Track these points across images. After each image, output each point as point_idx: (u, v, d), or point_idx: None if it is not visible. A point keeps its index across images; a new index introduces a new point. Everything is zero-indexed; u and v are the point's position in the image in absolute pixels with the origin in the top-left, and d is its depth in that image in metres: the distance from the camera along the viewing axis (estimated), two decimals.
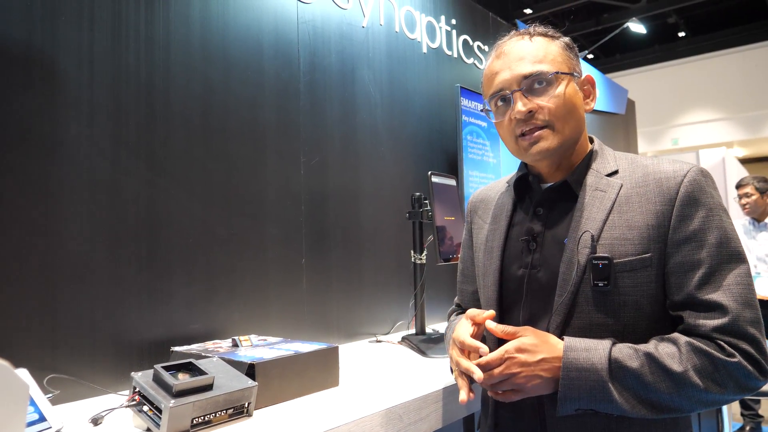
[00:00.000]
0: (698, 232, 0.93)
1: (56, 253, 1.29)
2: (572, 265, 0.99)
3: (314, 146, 1.92)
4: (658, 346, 0.92)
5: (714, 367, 0.88)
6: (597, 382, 0.90)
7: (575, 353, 0.92)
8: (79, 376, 1.27)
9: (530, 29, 1.10)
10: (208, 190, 1.60)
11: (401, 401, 1.22)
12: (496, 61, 1.09)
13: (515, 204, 1.16)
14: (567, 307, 0.98)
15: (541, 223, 1.07)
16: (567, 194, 1.06)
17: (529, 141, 1.04)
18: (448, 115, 2.54)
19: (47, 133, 1.29)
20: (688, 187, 0.95)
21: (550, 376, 0.93)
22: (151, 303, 1.45)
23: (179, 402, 1.02)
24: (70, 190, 1.32)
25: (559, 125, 1.03)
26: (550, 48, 1.07)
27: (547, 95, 1.03)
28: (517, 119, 1.04)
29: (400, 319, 2.19)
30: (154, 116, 1.49)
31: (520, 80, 1.03)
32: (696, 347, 0.89)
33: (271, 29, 1.81)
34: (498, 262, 1.12)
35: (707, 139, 10.37)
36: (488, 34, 2.98)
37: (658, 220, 0.96)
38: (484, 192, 1.30)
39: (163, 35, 1.52)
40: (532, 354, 0.94)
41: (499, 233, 1.14)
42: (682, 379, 0.88)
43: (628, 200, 0.99)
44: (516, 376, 0.94)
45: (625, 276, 0.95)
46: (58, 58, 1.31)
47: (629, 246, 0.96)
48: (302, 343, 1.43)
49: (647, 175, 1.00)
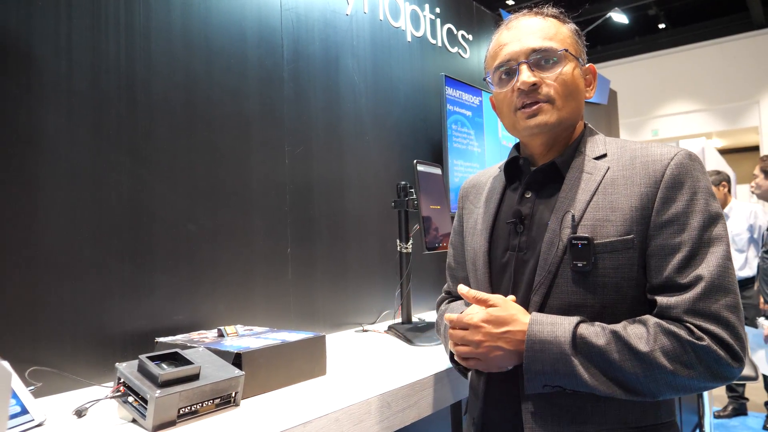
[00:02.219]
0: (681, 215, 0.93)
1: (37, 244, 1.26)
2: (553, 245, 0.99)
3: (299, 135, 1.90)
4: (627, 327, 0.91)
5: (682, 349, 0.87)
6: (560, 355, 0.91)
7: (540, 326, 0.93)
8: (62, 369, 1.25)
9: (544, 9, 1.10)
10: (192, 180, 1.58)
11: (389, 389, 1.22)
12: (506, 33, 1.09)
13: (505, 187, 1.16)
14: (546, 287, 0.99)
15: (529, 206, 1.07)
16: (555, 176, 1.06)
17: (528, 112, 1.04)
18: (432, 104, 2.53)
19: (23, 123, 1.26)
20: (674, 170, 0.95)
21: (512, 348, 0.95)
22: (135, 294, 1.43)
23: (165, 392, 1.01)
24: (49, 181, 1.29)
25: (560, 103, 1.03)
26: (561, 29, 1.08)
27: (553, 72, 1.03)
28: (520, 90, 1.04)
29: (385, 308, 2.20)
30: (136, 106, 1.46)
31: (528, 53, 1.04)
32: (664, 328, 0.89)
33: (255, 16, 1.78)
34: (486, 244, 1.12)
35: (687, 130, 10.51)
36: (472, 24, 2.98)
37: (642, 202, 0.95)
38: (476, 178, 1.30)
39: (144, 22, 1.49)
40: (497, 326, 0.96)
41: (488, 216, 1.14)
42: (648, 359, 0.87)
43: (613, 182, 0.99)
44: (479, 346, 0.97)
45: (606, 257, 0.95)
46: (34, 45, 1.28)
47: (611, 227, 0.96)
48: (289, 333, 1.42)
49: (635, 158, 1.00)
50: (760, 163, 3.88)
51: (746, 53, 9.87)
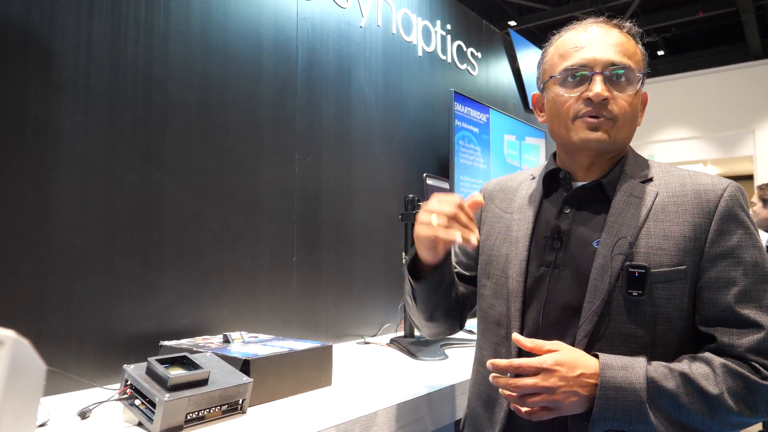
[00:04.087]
0: (736, 249, 0.92)
1: (47, 242, 1.25)
2: (605, 272, 0.95)
3: (309, 143, 1.90)
4: (692, 366, 0.88)
5: (748, 390, 0.87)
6: (635, 403, 0.86)
7: (612, 371, 0.88)
8: (65, 369, 1.23)
9: (622, 22, 1.06)
10: (203, 183, 1.57)
11: (396, 402, 1.21)
12: (583, 35, 1.03)
13: (542, 198, 1.11)
14: (597, 315, 0.94)
15: (568, 222, 1.03)
16: (599, 196, 1.03)
17: (591, 123, 0.99)
18: (440, 119, 2.54)
19: (42, 119, 1.25)
20: (729, 202, 0.94)
21: (587, 393, 0.88)
22: (142, 296, 1.41)
23: (174, 396, 0.99)
24: (62, 177, 1.28)
25: (621, 123, 1.00)
26: (637, 49, 1.04)
27: (625, 92, 1.00)
28: (589, 100, 0.98)
29: (387, 321, 2.18)
30: (151, 106, 1.46)
31: (607, 65, 0.99)
32: (731, 369, 0.87)
33: (271, 24, 1.79)
34: (525, 253, 1.05)
35: (683, 156, 10.60)
36: (481, 42, 3.00)
37: (695, 233, 0.93)
38: (504, 182, 1.24)
39: (163, 24, 1.49)
40: (572, 369, 0.88)
41: (525, 224, 1.08)
42: (717, 402, 0.86)
43: (664, 209, 0.97)
44: (555, 392, 0.87)
45: (659, 287, 0.92)
46: (55, 43, 1.28)
47: (665, 256, 0.93)
48: (295, 341, 1.41)
49: (684, 185, 0.98)
50: (758, 192, 3.91)
51: (742, 83, 10.00)
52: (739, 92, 10.03)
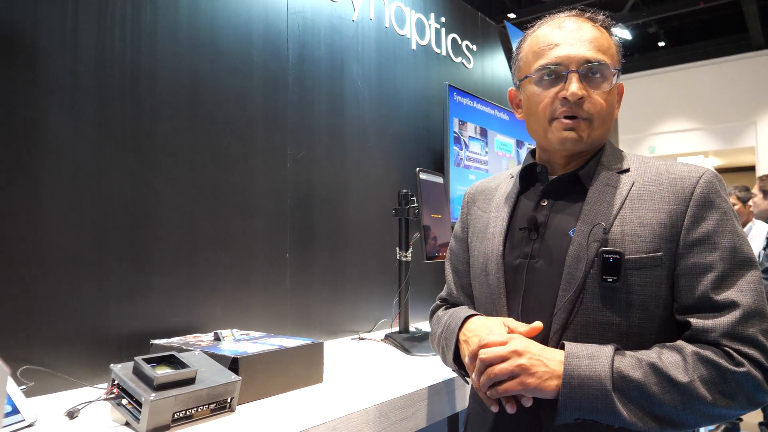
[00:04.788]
0: (712, 235, 0.91)
1: (36, 242, 1.24)
2: (580, 259, 0.95)
3: (301, 139, 1.89)
4: (662, 355, 0.87)
5: (722, 378, 0.84)
6: (600, 392, 0.85)
7: (577, 360, 0.88)
8: (55, 368, 1.23)
9: (595, 15, 1.04)
10: (194, 181, 1.56)
11: (387, 399, 1.21)
12: (556, 32, 1.02)
13: (519, 193, 1.12)
14: (571, 302, 0.94)
15: (545, 213, 1.04)
16: (576, 187, 1.03)
17: (567, 125, 0.99)
18: (435, 113, 2.53)
19: (28, 118, 1.24)
20: (703, 188, 0.93)
21: (554, 368, 0.88)
22: (133, 295, 1.41)
23: (160, 395, 0.99)
24: (51, 177, 1.27)
25: (598, 123, 1.00)
26: (611, 43, 1.03)
27: (600, 89, 0.99)
28: (565, 100, 0.98)
29: (382, 317, 2.18)
30: (140, 103, 1.45)
31: (581, 62, 0.98)
32: (703, 356, 0.86)
33: (261, 18, 1.78)
34: (501, 248, 1.06)
35: (684, 148, 10.56)
36: (477, 35, 2.98)
37: (671, 219, 0.93)
38: (484, 183, 1.25)
39: (150, 20, 1.48)
40: (530, 345, 0.90)
41: (501, 220, 1.10)
42: (688, 390, 0.84)
43: (640, 197, 0.97)
44: (521, 356, 0.88)
45: (635, 274, 0.92)
46: (40, 40, 1.27)
47: (640, 243, 0.93)
48: (286, 338, 1.40)
49: (660, 174, 0.98)
50: (759, 183, 3.90)
51: (744, 74, 9.94)
52: (741, 83, 9.98)
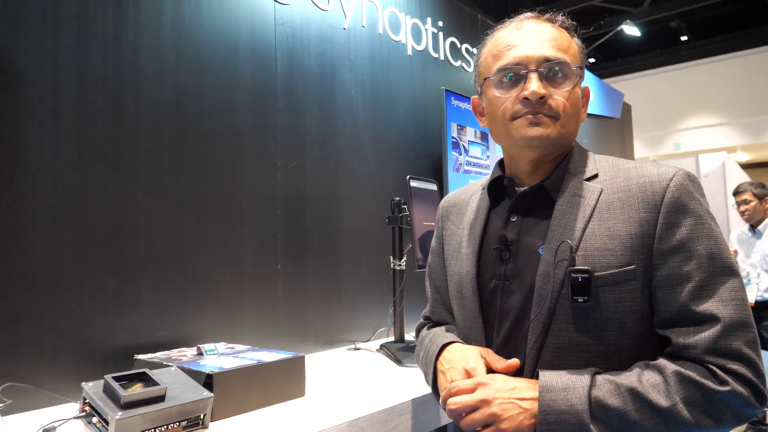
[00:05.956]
0: (687, 242, 0.86)
1: (19, 257, 1.26)
2: (548, 279, 0.91)
3: (291, 150, 1.89)
4: (642, 377, 0.83)
5: (706, 399, 0.80)
6: (578, 426, 0.81)
7: (552, 394, 0.84)
8: (40, 385, 1.24)
9: (555, 16, 1.01)
10: (180, 194, 1.57)
11: (366, 413, 1.19)
12: (515, 34, 0.99)
13: (489, 208, 1.07)
14: (543, 324, 0.90)
15: (515, 231, 0.99)
16: (543, 199, 0.98)
17: (530, 121, 0.94)
18: (433, 119, 2.50)
19: (10, 136, 1.26)
20: (674, 192, 0.88)
21: (528, 407, 0.85)
22: (119, 310, 1.42)
23: (127, 414, 0.98)
24: (32, 193, 1.29)
25: (564, 120, 0.96)
26: (573, 43, 1.00)
27: (562, 88, 0.95)
28: (526, 100, 0.94)
29: (381, 325, 2.16)
30: (123, 120, 1.46)
31: (541, 61, 0.95)
32: (685, 377, 0.81)
33: (248, 31, 1.78)
34: (474, 270, 1.03)
35: (710, 143, 10.30)
36: (477, 36, 2.95)
37: (642, 229, 0.88)
38: (457, 196, 1.20)
39: (133, 37, 1.49)
40: (505, 383, 0.88)
41: (474, 239, 1.06)
42: (669, 414, 0.80)
43: (609, 207, 0.92)
44: (490, 404, 0.86)
45: (608, 290, 0.87)
46: (19, 59, 1.29)
47: (611, 257, 0.88)
48: (269, 352, 1.39)
49: (629, 179, 0.93)
50: None
51: None
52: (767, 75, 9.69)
